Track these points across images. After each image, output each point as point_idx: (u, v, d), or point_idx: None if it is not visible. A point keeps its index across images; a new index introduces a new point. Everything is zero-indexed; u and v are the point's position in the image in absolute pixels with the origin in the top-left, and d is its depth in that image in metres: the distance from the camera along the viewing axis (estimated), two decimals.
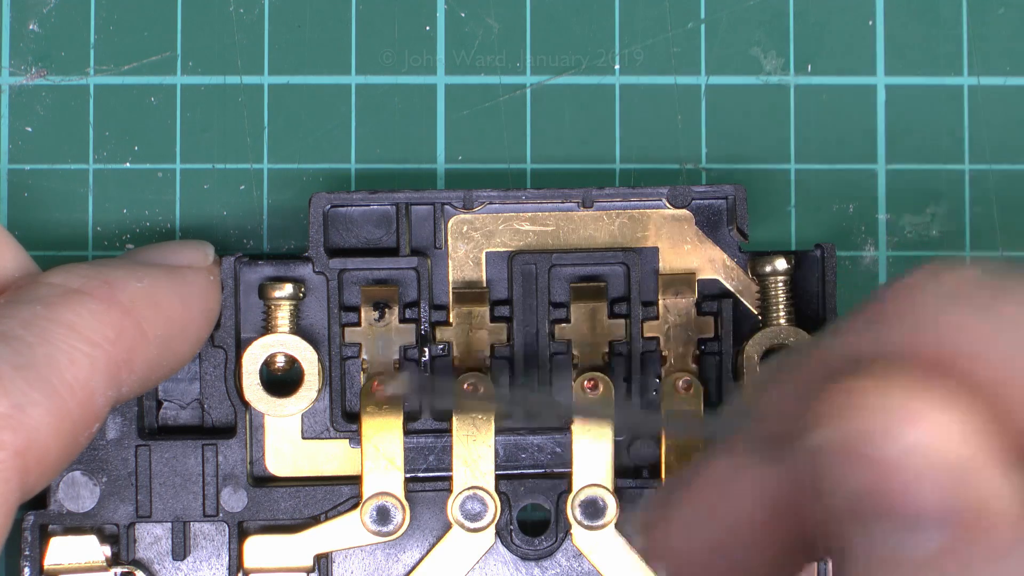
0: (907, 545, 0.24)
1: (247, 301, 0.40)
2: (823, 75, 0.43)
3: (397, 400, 0.39)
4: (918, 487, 0.24)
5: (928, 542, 0.24)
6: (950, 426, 0.24)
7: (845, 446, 0.24)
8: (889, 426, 0.24)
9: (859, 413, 0.24)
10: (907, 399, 0.24)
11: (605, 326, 0.40)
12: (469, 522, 0.40)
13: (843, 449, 0.24)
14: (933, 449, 0.24)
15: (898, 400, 0.24)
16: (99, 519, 0.40)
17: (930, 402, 0.24)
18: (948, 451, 0.24)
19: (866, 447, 0.24)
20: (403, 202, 0.40)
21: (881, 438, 0.24)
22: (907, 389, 0.24)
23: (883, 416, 0.24)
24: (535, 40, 0.43)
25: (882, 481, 0.24)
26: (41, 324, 0.33)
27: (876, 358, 0.25)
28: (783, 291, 0.40)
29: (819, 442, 0.24)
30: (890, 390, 0.24)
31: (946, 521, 0.24)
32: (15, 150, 0.42)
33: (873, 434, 0.24)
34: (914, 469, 0.24)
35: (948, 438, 0.24)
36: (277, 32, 0.43)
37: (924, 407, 0.24)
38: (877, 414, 0.24)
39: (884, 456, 0.24)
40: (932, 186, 0.43)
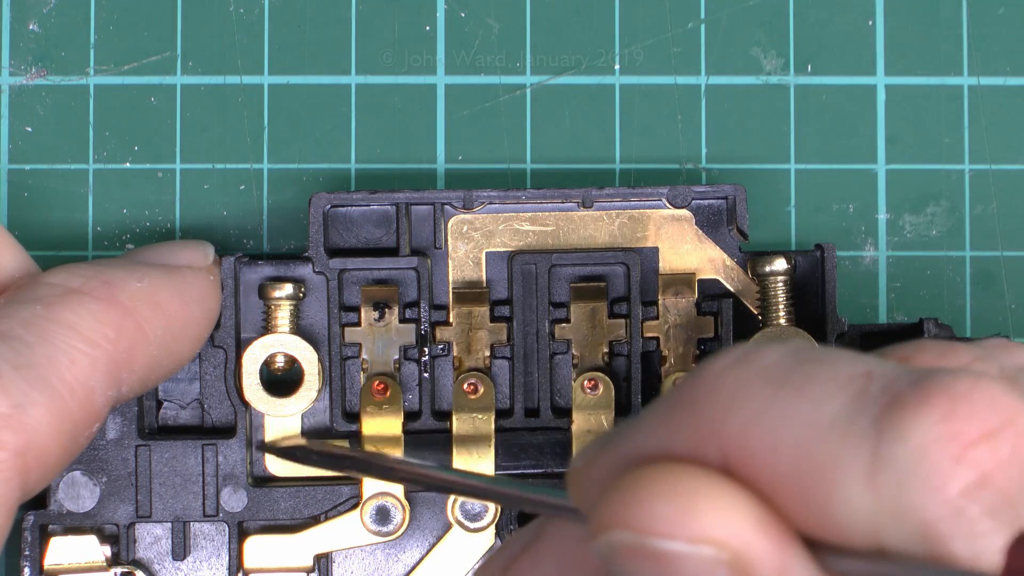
0: None
1: (247, 301, 0.40)
2: (823, 75, 0.43)
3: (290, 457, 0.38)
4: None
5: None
6: (729, 522, 0.24)
7: (627, 548, 0.24)
8: (665, 526, 0.24)
9: (635, 516, 0.24)
10: (684, 499, 0.24)
11: (605, 326, 0.40)
12: (469, 522, 0.40)
13: (627, 549, 0.24)
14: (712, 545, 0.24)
15: (674, 501, 0.24)
16: (99, 519, 0.40)
17: (709, 501, 0.24)
18: (728, 546, 0.24)
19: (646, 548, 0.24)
20: (403, 202, 0.40)
21: (664, 535, 0.24)
22: (683, 489, 0.24)
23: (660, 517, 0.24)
24: (535, 40, 0.43)
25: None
26: (41, 324, 0.33)
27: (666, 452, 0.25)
28: (783, 291, 0.40)
29: (603, 547, 0.24)
30: (666, 491, 0.24)
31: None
32: (15, 150, 0.42)
33: (656, 531, 0.24)
34: (696, 566, 0.24)
35: (727, 533, 0.24)
36: (277, 32, 0.43)
37: (702, 506, 0.24)
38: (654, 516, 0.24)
39: (669, 552, 0.24)
40: (932, 186, 0.43)
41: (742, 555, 0.24)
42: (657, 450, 0.25)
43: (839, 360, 0.24)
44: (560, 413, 0.40)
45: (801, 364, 0.24)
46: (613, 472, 0.25)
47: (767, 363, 0.25)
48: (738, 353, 0.25)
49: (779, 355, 0.25)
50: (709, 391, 0.25)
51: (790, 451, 0.24)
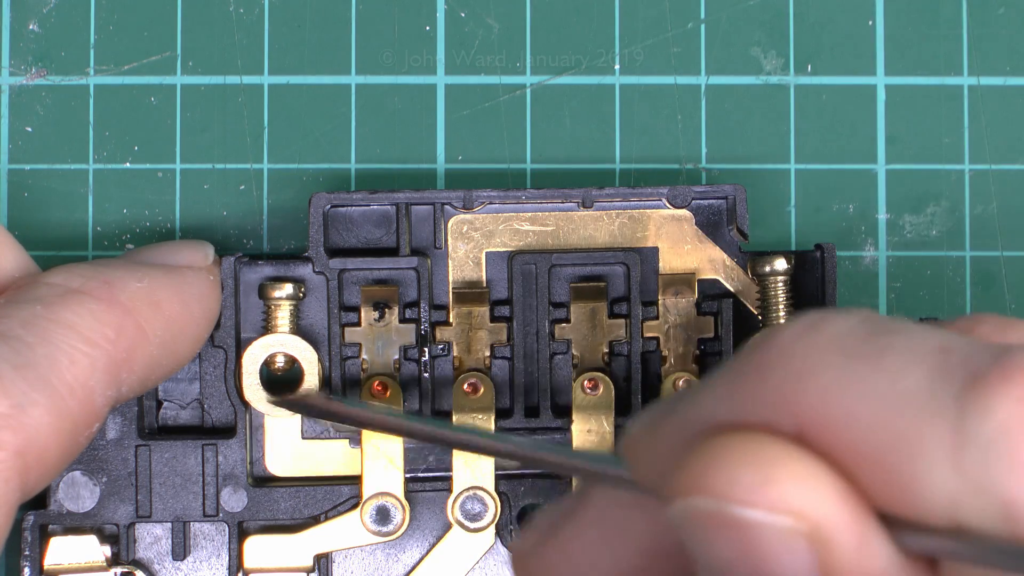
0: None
1: (247, 301, 0.40)
2: (823, 75, 0.43)
3: (297, 410, 0.38)
4: (782, 555, 0.23)
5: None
6: (809, 493, 0.23)
7: (704, 516, 0.24)
8: (746, 494, 0.23)
9: (716, 483, 0.24)
10: (764, 468, 0.24)
11: (605, 326, 0.40)
12: (469, 522, 0.40)
13: (703, 519, 0.24)
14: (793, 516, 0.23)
15: (754, 469, 0.24)
16: (99, 519, 0.40)
17: (789, 471, 0.24)
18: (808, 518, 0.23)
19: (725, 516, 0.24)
20: (403, 202, 0.40)
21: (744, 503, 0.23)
22: (763, 458, 0.24)
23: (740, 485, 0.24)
24: (535, 40, 0.43)
25: (746, 548, 0.24)
26: (41, 324, 0.33)
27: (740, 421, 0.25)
28: (783, 291, 0.40)
29: (679, 513, 0.24)
30: (746, 459, 0.24)
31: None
32: (15, 150, 0.42)
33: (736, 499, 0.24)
34: (776, 536, 0.23)
35: (807, 505, 0.23)
36: (277, 32, 0.43)
37: (782, 475, 0.24)
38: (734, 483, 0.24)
39: (748, 520, 0.23)
40: (932, 186, 0.43)
41: (822, 528, 0.23)
42: (728, 418, 0.25)
43: (913, 332, 0.24)
44: (560, 413, 0.40)
45: (875, 335, 0.24)
46: (681, 441, 0.25)
47: (838, 332, 0.24)
48: (808, 321, 0.25)
49: (851, 324, 0.24)
50: (780, 359, 0.24)
51: (868, 424, 0.23)
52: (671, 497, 0.24)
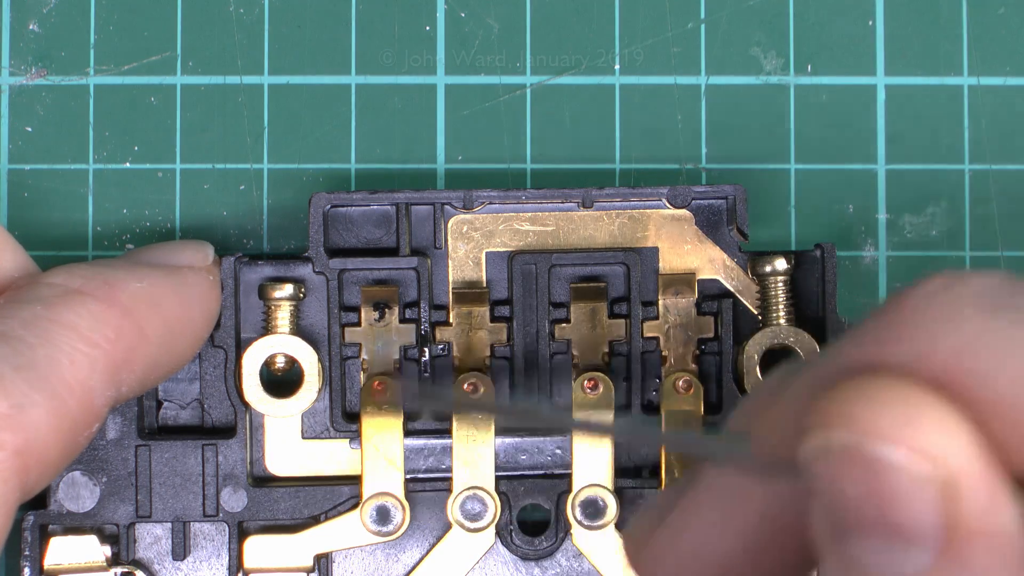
0: (894, 561, 0.24)
1: (247, 301, 0.40)
2: (823, 75, 0.43)
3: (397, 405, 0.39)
4: (912, 499, 0.23)
5: (916, 561, 0.24)
6: (948, 441, 0.23)
7: (840, 450, 0.24)
8: (887, 433, 0.23)
9: (856, 419, 0.24)
10: (906, 409, 0.23)
11: (605, 326, 0.40)
12: (469, 522, 0.40)
13: (838, 453, 0.24)
14: (930, 462, 0.23)
15: (897, 410, 0.23)
16: (99, 519, 0.40)
17: (930, 416, 0.23)
18: (944, 466, 0.23)
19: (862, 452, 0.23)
20: (403, 202, 0.40)
21: (878, 445, 0.23)
22: (906, 400, 0.24)
23: (881, 423, 0.23)
24: (535, 40, 0.43)
25: (877, 488, 0.23)
26: (41, 324, 0.33)
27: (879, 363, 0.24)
28: (783, 291, 0.40)
29: (813, 447, 0.24)
30: (888, 399, 0.24)
31: (937, 540, 0.23)
32: (15, 150, 0.42)
33: (870, 440, 0.23)
34: (909, 480, 0.23)
35: (945, 453, 0.23)
36: (277, 32, 0.43)
37: (923, 420, 0.23)
38: (875, 421, 0.23)
39: (886, 460, 0.23)
40: (932, 186, 0.43)
41: (956, 478, 0.23)
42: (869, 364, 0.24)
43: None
44: None
45: (1015, 292, 0.24)
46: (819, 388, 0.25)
47: (984, 285, 0.24)
48: (946, 277, 0.25)
49: (992, 281, 0.24)
50: (922, 311, 0.24)
51: (1013, 377, 0.23)
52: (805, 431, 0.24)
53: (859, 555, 0.24)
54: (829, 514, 0.24)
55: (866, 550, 0.24)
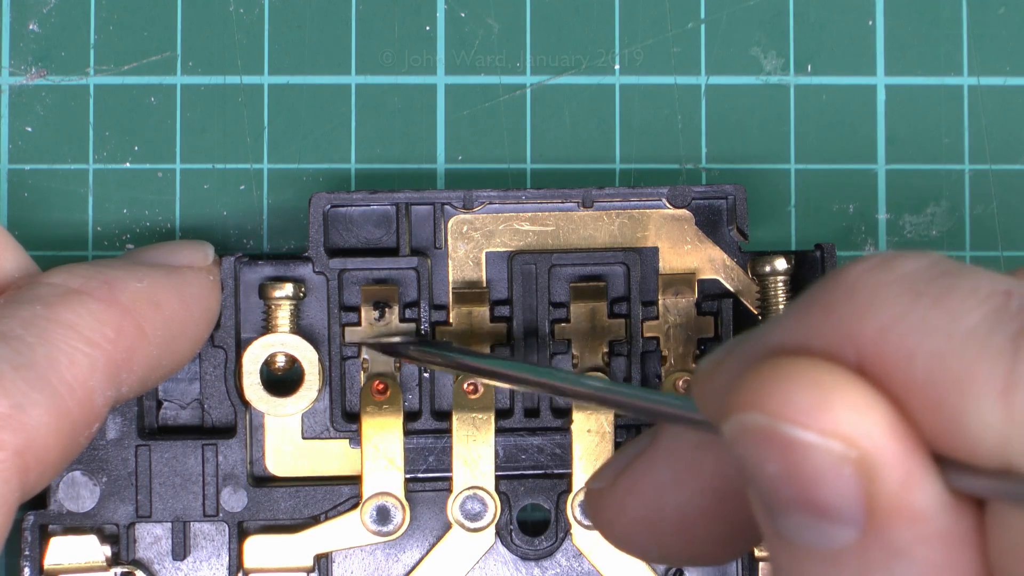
0: (821, 536, 0.24)
1: (247, 301, 0.40)
2: (823, 75, 0.43)
3: (386, 351, 0.39)
4: (829, 478, 0.24)
5: (841, 536, 0.24)
6: (862, 421, 0.24)
7: (755, 431, 0.24)
8: (798, 414, 0.24)
9: (769, 401, 0.24)
10: (819, 391, 0.24)
11: (605, 326, 0.40)
12: (469, 522, 0.40)
13: (754, 434, 0.24)
14: (843, 441, 0.24)
15: (809, 391, 0.24)
16: (99, 519, 0.40)
17: (844, 397, 0.24)
18: (858, 445, 0.24)
19: (776, 433, 0.24)
20: (403, 202, 0.40)
21: (797, 423, 0.24)
22: (819, 382, 0.24)
23: (793, 405, 0.24)
24: (535, 40, 0.43)
25: (793, 467, 0.24)
26: (41, 324, 0.33)
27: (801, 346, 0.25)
28: (783, 291, 0.40)
29: (731, 428, 0.25)
30: (802, 381, 0.24)
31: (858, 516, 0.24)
32: (15, 150, 0.42)
33: (790, 418, 0.24)
34: (824, 459, 0.24)
35: (859, 432, 0.24)
36: (277, 32, 0.43)
37: (836, 401, 0.24)
38: (786, 402, 0.24)
39: (799, 441, 0.24)
40: (932, 186, 0.43)
41: (871, 456, 0.24)
42: (791, 345, 0.25)
43: (979, 276, 0.25)
44: (560, 413, 0.40)
45: (941, 276, 0.25)
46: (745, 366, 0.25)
47: (906, 271, 0.25)
48: (877, 259, 0.25)
49: (919, 264, 0.25)
50: (847, 293, 0.25)
51: (926, 360, 0.24)
52: (725, 412, 0.25)
53: (788, 528, 0.25)
54: (756, 490, 0.25)
55: (793, 524, 0.24)
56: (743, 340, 0.27)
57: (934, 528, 0.24)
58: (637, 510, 0.29)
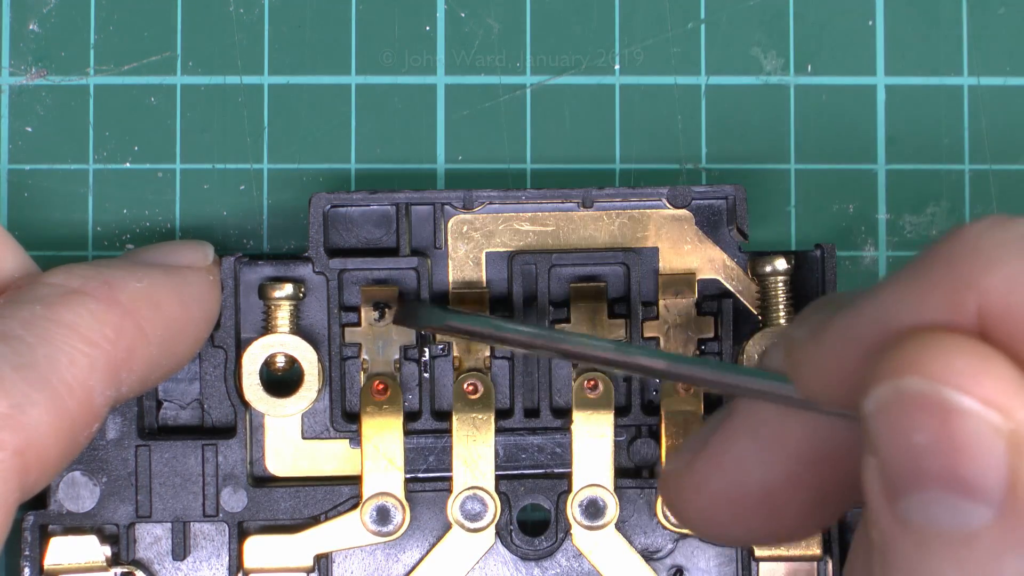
0: (956, 515, 0.24)
1: (247, 301, 0.40)
2: (823, 75, 0.43)
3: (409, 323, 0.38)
4: (981, 450, 0.23)
5: (978, 515, 0.23)
6: (1016, 394, 0.23)
7: (913, 397, 0.23)
8: (962, 381, 0.23)
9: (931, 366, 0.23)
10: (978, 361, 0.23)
11: (605, 326, 0.40)
12: (469, 522, 0.40)
13: (911, 400, 0.23)
14: (1001, 413, 0.23)
15: (970, 360, 0.23)
16: (99, 519, 0.40)
17: (999, 369, 0.23)
18: (1014, 418, 0.23)
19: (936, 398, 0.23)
20: (403, 202, 0.40)
21: (962, 389, 0.23)
22: (977, 353, 0.24)
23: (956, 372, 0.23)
24: (535, 40, 0.43)
25: (947, 435, 0.23)
26: (41, 324, 0.33)
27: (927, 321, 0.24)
28: (783, 291, 0.40)
29: (882, 395, 0.24)
30: (960, 350, 0.24)
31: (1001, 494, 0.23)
32: (15, 150, 0.42)
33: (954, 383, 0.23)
34: (979, 429, 0.23)
35: (1013, 405, 0.23)
36: (277, 32, 0.43)
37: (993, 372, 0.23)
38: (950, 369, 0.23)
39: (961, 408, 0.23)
40: (932, 186, 0.43)
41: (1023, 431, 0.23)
42: (913, 319, 0.24)
43: None
44: (560, 413, 0.40)
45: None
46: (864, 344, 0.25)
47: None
48: (996, 218, 0.25)
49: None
50: (971, 247, 0.24)
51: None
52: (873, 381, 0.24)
53: (917, 510, 0.24)
54: (887, 468, 0.24)
55: (926, 503, 0.24)
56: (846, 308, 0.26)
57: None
58: (719, 486, 0.28)
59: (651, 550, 0.41)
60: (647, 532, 0.41)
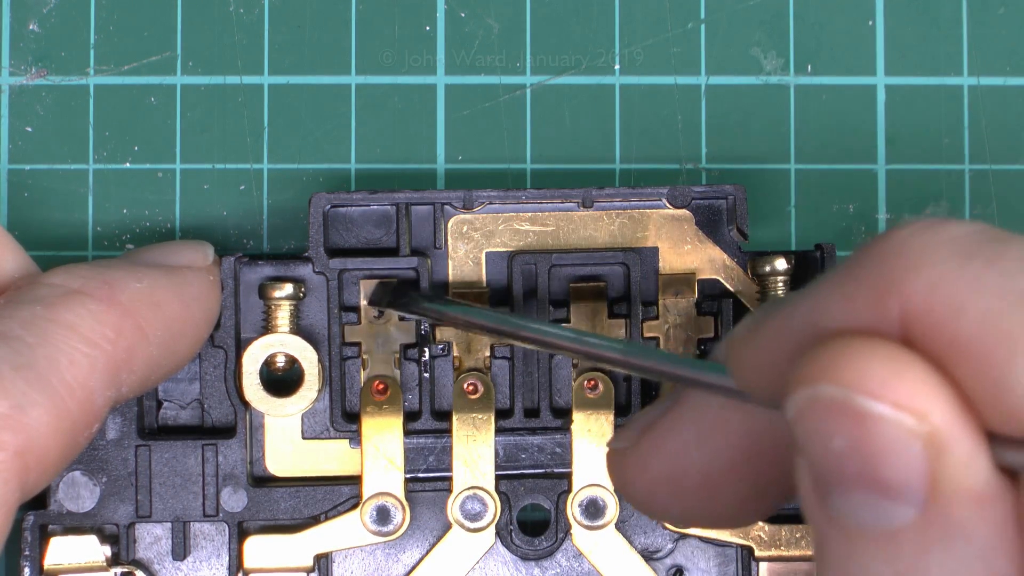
0: (879, 515, 0.24)
1: (247, 301, 0.40)
2: (823, 75, 0.43)
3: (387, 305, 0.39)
4: (897, 453, 0.24)
5: (900, 514, 0.24)
6: (932, 397, 0.24)
7: (828, 403, 0.24)
8: (874, 387, 0.24)
9: (844, 373, 0.24)
10: (893, 365, 0.24)
11: (605, 326, 0.40)
12: (469, 522, 0.40)
13: (826, 406, 0.24)
14: (915, 416, 0.24)
15: (884, 365, 0.24)
16: (99, 519, 0.40)
17: (914, 373, 0.24)
18: (929, 421, 0.24)
19: (850, 405, 0.24)
20: (403, 202, 0.40)
21: (873, 395, 0.24)
22: (892, 357, 0.24)
23: (868, 378, 0.24)
24: (535, 40, 0.43)
25: (863, 441, 0.24)
26: (41, 324, 0.33)
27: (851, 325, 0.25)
28: (783, 291, 0.40)
29: (800, 400, 0.25)
30: (875, 356, 0.24)
31: (921, 494, 0.24)
32: (15, 150, 0.42)
33: (865, 390, 0.24)
34: (895, 433, 0.24)
35: (929, 408, 0.24)
36: (277, 32, 0.43)
37: (908, 376, 0.24)
38: (862, 375, 0.24)
39: (873, 413, 0.24)
40: (932, 186, 0.43)
41: (941, 433, 0.24)
42: (839, 321, 0.25)
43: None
44: (560, 413, 0.40)
45: (991, 240, 0.25)
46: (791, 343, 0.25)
47: (956, 234, 0.25)
48: (926, 221, 0.25)
49: (968, 229, 0.25)
50: (897, 250, 0.25)
51: (976, 317, 0.24)
52: (792, 386, 0.25)
53: (843, 509, 0.24)
54: (813, 468, 0.25)
55: (850, 504, 0.24)
56: (780, 306, 0.26)
57: (991, 504, 0.24)
58: (660, 469, 0.29)
59: (651, 550, 0.41)
60: (647, 532, 0.41)
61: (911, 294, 0.24)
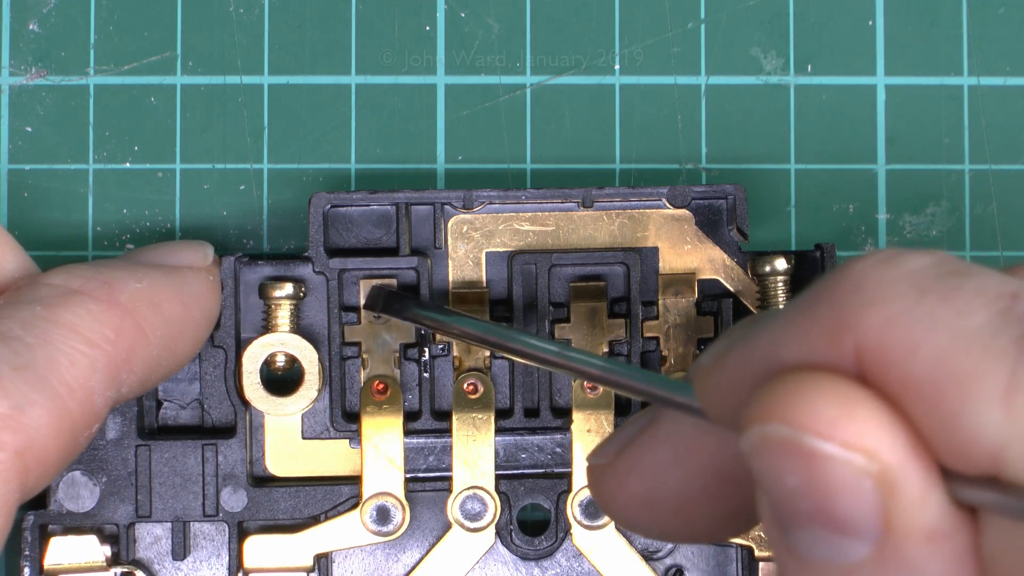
0: (834, 551, 0.24)
1: (247, 301, 0.40)
2: (823, 75, 0.43)
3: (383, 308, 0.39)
4: (848, 491, 0.24)
5: (854, 551, 0.24)
6: (882, 435, 0.24)
7: (777, 443, 0.24)
8: (822, 427, 0.24)
9: (792, 413, 0.24)
10: (842, 405, 0.24)
11: (605, 326, 0.40)
12: (469, 522, 0.40)
13: (776, 446, 0.24)
14: (864, 455, 0.24)
15: (832, 405, 0.24)
16: (99, 519, 0.40)
17: (864, 411, 0.24)
18: (879, 459, 0.24)
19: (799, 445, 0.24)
20: (403, 202, 0.40)
21: (820, 435, 0.24)
22: (842, 396, 0.24)
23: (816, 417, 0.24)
24: (535, 40, 0.43)
25: (813, 480, 0.24)
26: (41, 325, 0.33)
27: (808, 361, 0.25)
28: (783, 291, 0.40)
29: (752, 439, 0.25)
30: (824, 394, 0.24)
31: (874, 531, 0.24)
32: (15, 150, 0.42)
33: (813, 430, 0.24)
34: (845, 472, 0.24)
35: (879, 446, 0.24)
36: (277, 32, 0.43)
37: (858, 414, 0.24)
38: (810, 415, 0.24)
39: (821, 453, 0.24)
40: (932, 186, 0.43)
41: (891, 471, 0.24)
42: (796, 355, 0.25)
43: (986, 276, 0.24)
44: (560, 413, 0.40)
45: (948, 274, 0.24)
46: (749, 373, 0.26)
47: (913, 267, 0.25)
48: (882, 254, 0.25)
49: (925, 262, 0.25)
50: (853, 286, 0.25)
51: (929, 356, 0.24)
52: (744, 423, 0.25)
53: (801, 542, 0.25)
54: (770, 503, 0.25)
55: (807, 538, 0.24)
56: (745, 335, 0.27)
57: (945, 541, 0.24)
58: (637, 488, 0.29)
59: (651, 550, 0.41)
60: None
61: (865, 331, 0.24)
